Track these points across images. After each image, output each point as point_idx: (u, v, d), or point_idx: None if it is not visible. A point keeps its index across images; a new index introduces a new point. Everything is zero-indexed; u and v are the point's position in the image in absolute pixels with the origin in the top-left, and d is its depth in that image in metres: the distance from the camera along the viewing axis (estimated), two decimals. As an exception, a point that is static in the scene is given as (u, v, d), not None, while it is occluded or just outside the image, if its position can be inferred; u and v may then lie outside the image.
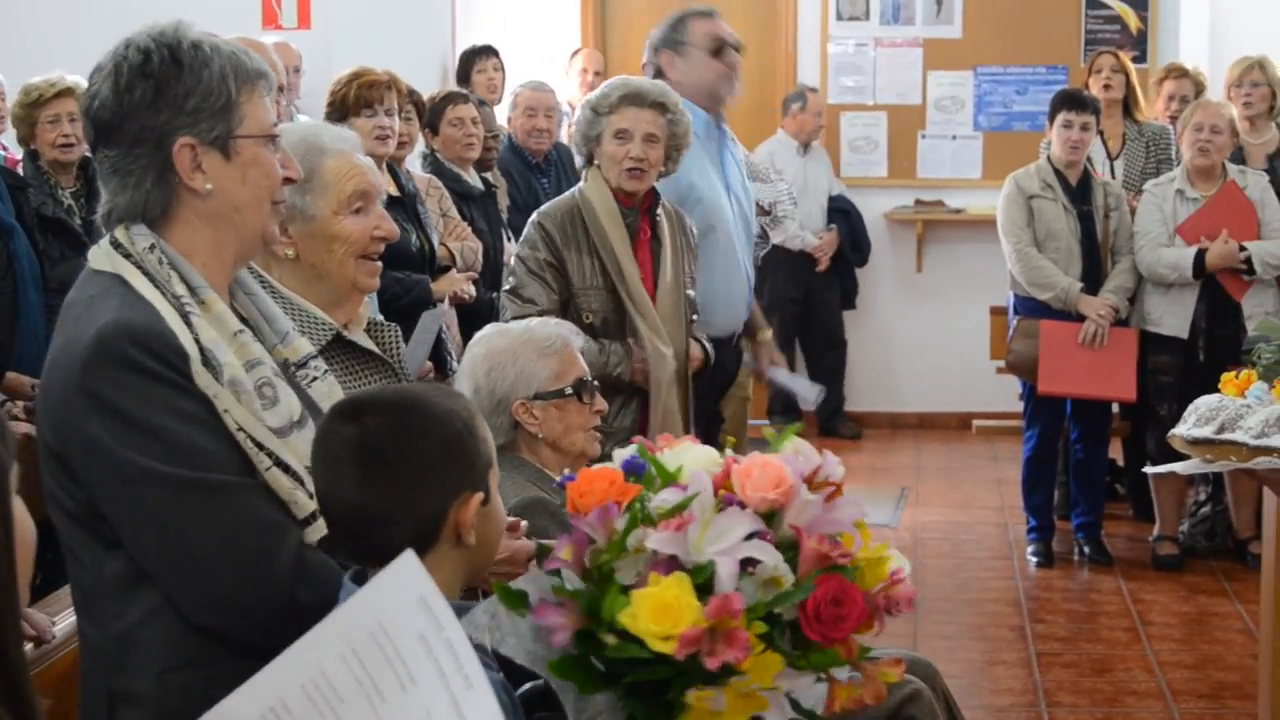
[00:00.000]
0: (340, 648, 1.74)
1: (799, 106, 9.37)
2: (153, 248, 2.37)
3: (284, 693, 1.74)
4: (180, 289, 2.35)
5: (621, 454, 2.27)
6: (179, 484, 2.27)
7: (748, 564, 2.10)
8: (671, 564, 2.08)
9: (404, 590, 1.78)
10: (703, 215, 5.04)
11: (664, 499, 2.16)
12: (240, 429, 2.32)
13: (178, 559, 2.29)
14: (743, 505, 2.12)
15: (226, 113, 2.39)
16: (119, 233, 2.40)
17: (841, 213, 9.39)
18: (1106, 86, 7.41)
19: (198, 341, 2.33)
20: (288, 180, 2.51)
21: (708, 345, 4.85)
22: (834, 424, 9.55)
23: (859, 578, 2.11)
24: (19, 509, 1.67)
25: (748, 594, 2.07)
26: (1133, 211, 6.94)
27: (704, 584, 2.06)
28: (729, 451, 2.25)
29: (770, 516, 2.14)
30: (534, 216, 4.67)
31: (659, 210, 4.71)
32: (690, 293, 4.76)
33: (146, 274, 2.36)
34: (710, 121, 5.23)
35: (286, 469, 2.33)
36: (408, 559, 1.83)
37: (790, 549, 2.10)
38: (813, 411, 9.48)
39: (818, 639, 2.04)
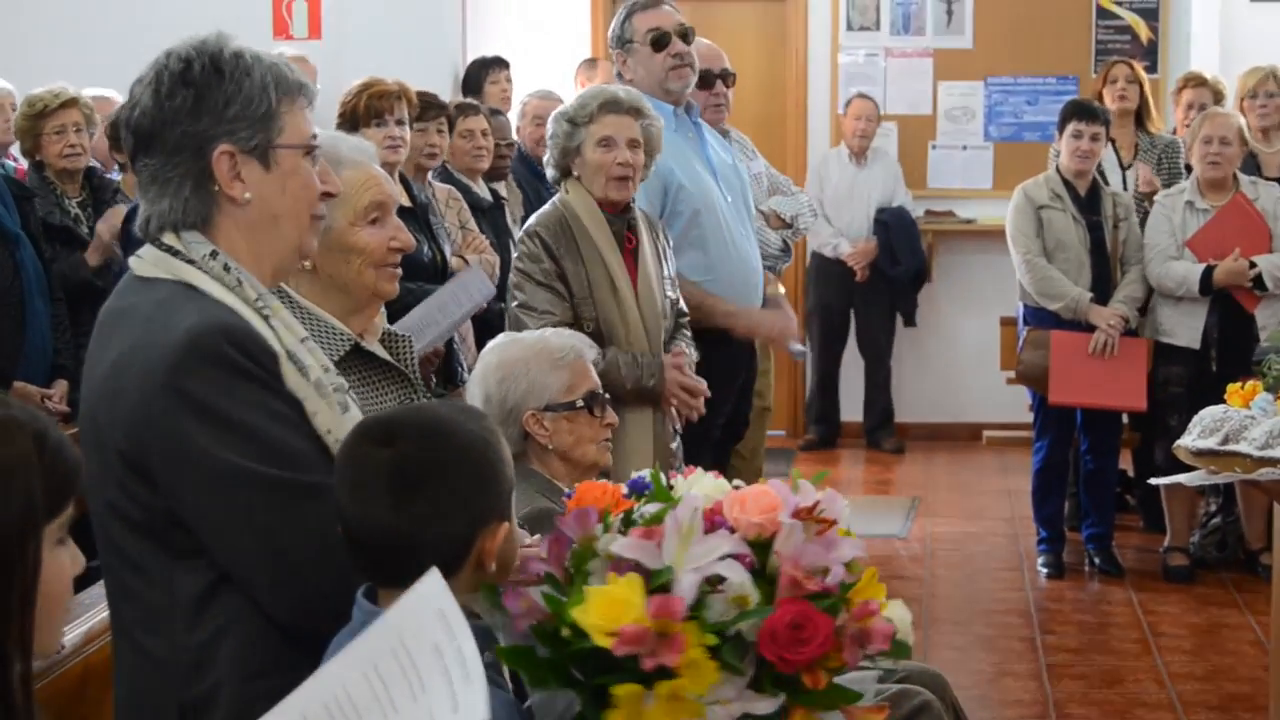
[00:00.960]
0: (365, 667, 1.77)
1: (842, 113, 9.39)
2: (215, 254, 2.37)
3: (308, 711, 1.76)
4: (251, 293, 2.36)
5: (634, 475, 2.30)
6: (274, 484, 2.26)
7: (718, 582, 2.11)
8: (635, 570, 2.10)
9: (427, 606, 1.81)
10: (686, 200, 5.01)
11: (646, 511, 2.19)
12: (329, 431, 2.32)
13: (271, 560, 2.27)
14: (732, 530, 2.13)
15: (267, 122, 2.39)
16: (170, 239, 2.39)
17: (881, 224, 9.30)
18: (1122, 97, 7.41)
19: (281, 343, 2.34)
20: (326, 195, 2.50)
21: (691, 351, 4.76)
22: (878, 438, 9.53)
23: (841, 610, 2.10)
24: (64, 560, 1.68)
25: (715, 611, 2.08)
26: (1146, 200, 6.95)
27: (659, 589, 2.08)
28: (739, 483, 2.27)
29: (763, 548, 2.15)
30: (527, 229, 4.65)
31: (635, 215, 4.68)
32: (671, 295, 4.74)
33: (213, 279, 2.35)
34: (676, 113, 5.20)
35: None
36: (433, 577, 1.85)
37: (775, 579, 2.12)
38: (860, 424, 9.50)
39: (773, 660, 2.04)
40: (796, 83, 9.75)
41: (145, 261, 2.40)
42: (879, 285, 9.32)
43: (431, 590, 1.84)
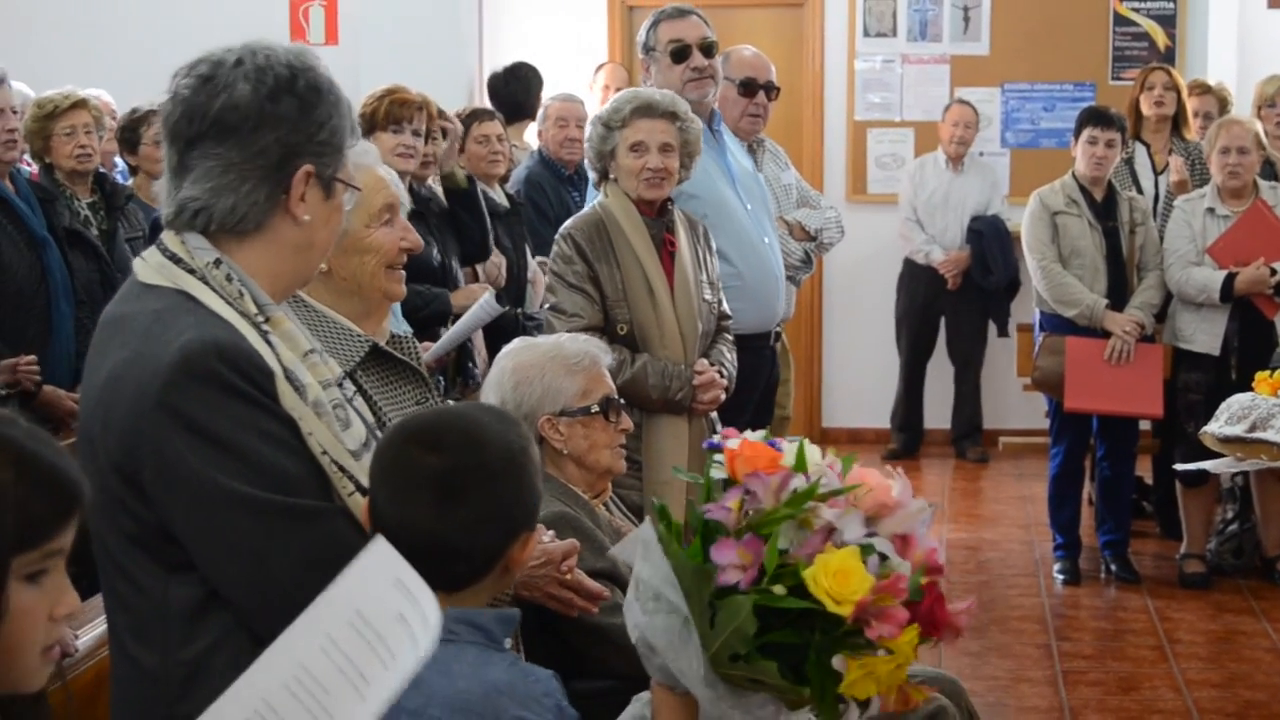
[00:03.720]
0: (320, 641, 1.77)
1: (940, 120, 9.29)
2: (219, 263, 2.32)
3: (268, 694, 1.75)
4: (252, 307, 2.31)
5: (756, 436, 2.28)
6: (264, 508, 2.21)
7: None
8: (826, 539, 2.14)
9: (380, 576, 1.83)
10: (698, 208, 5.00)
11: (828, 482, 2.20)
12: (324, 452, 2.28)
13: (261, 584, 2.24)
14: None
15: (341, 153, 2.41)
16: (172, 243, 2.34)
17: (974, 233, 9.11)
18: (1159, 103, 7.36)
19: (279, 361, 2.29)
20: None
21: (728, 366, 4.72)
22: (963, 446, 9.38)
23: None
24: (32, 598, 1.61)
25: None
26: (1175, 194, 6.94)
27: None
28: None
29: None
30: (562, 231, 4.65)
31: (673, 218, 4.68)
32: (710, 298, 4.72)
33: (213, 290, 2.30)
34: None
35: (365, 493, 2.28)
36: (379, 545, 1.87)
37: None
38: (947, 431, 9.43)
39: (929, 632, 2.14)
40: (813, 89, 9.74)
41: (148, 266, 2.36)
42: (970, 293, 9.10)
43: (382, 560, 1.84)
